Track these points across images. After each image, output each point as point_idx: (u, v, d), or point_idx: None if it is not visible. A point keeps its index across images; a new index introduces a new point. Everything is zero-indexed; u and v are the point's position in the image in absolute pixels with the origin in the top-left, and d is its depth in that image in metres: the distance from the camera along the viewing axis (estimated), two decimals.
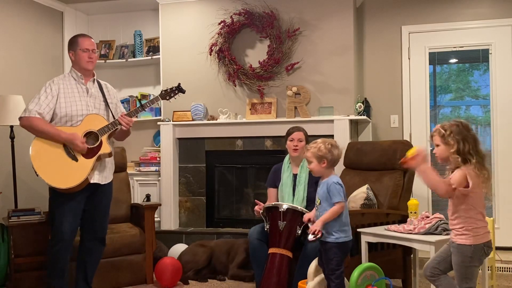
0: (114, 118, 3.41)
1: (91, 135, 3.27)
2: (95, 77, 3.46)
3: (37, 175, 3.15)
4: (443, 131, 2.53)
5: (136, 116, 5.33)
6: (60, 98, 3.28)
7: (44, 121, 3.22)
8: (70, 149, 3.22)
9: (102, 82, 3.52)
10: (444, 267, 2.62)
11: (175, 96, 3.62)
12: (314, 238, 2.88)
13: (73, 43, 3.39)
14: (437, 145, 2.57)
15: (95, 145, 3.25)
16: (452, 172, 2.53)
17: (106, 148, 3.29)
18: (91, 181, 3.27)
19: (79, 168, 3.20)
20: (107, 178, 3.42)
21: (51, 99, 3.25)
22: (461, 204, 2.50)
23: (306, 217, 3.21)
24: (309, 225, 3.04)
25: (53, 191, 3.26)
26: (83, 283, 3.44)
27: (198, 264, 4.21)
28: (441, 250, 2.68)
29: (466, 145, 2.47)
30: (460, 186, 2.45)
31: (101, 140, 3.27)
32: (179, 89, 3.61)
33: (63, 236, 3.24)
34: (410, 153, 2.57)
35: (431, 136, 2.62)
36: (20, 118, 3.26)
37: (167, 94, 3.60)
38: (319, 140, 3.01)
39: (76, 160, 3.21)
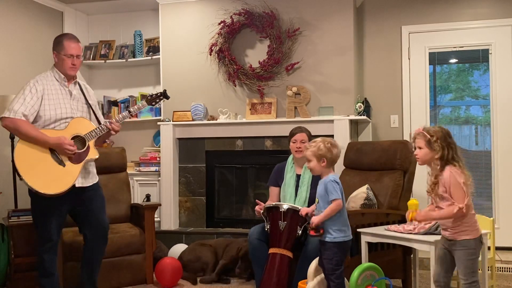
0: (98, 121, 3.38)
1: (77, 139, 3.18)
2: (77, 79, 3.38)
3: (21, 178, 3.02)
4: (428, 136, 2.61)
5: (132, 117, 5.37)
6: (44, 100, 3.17)
7: (30, 124, 3.10)
8: (57, 153, 3.12)
9: (81, 83, 3.44)
10: (451, 272, 2.71)
11: (160, 102, 3.67)
12: (316, 234, 2.89)
13: (58, 44, 3.27)
14: (420, 148, 2.65)
15: (83, 150, 3.17)
16: (435, 177, 2.60)
17: (93, 153, 3.22)
18: (77, 185, 3.19)
19: (66, 173, 3.11)
20: (92, 180, 3.35)
21: (36, 101, 3.13)
22: None
23: (303, 210, 3.21)
24: (306, 219, 3.05)
25: (34, 194, 3.12)
26: (88, 283, 3.43)
27: (207, 264, 4.20)
28: (441, 257, 2.71)
29: (450, 152, 2.57)
30: (467, 197, 2.52)
31: (88, 145, 3.20)
32: (164, 95, 3.62)
33: (50, 237, 3.20)
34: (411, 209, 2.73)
35: (414, 138, 2.68)
36: (4, 118, 3.09)
37: (152, 100, 3.59)
38: (318, 139, 3.02)
39: (64, 165, 3.11)
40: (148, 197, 5.21)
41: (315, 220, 2.90)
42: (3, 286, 4.03)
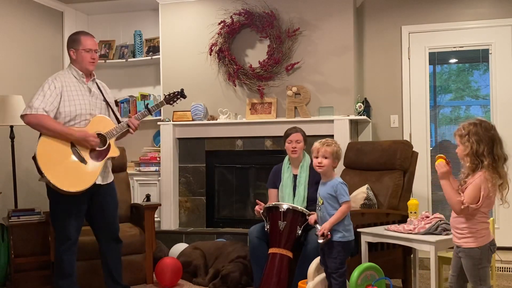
0: (116, 118, 3.43)
1: (99, 137, 3.25)
2: (95, 77, 3.43)
3: (43, 176, 3.04)
4: (462, 131, 2.47)
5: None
6: (63, 96, 3.20)
7: (52, 119, 3.14)
8: (78, 151, 3.17)
9: (97, 81, 3.49)
10: (463, 279, 2.57)
11: (178, 101, 3.73)
12: (324, 241, 2.89)
13: (75, 41, 3.32)
14: (458, 145, 2.51)
15: (104, 148, 3.23)
16: (466, 176, 2.48)
17: (114, 151, 3.27)
18: (97, 182, 3.25)
19: (88, 171, 3.17)
20: (108, 178, 3.40)
21: (55, 97, 3.17)
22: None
23: (312, 218, 3.23)
24: (317, 226, 3.04)
25: (53, 192, 3.16)
26: (111, 282, 3.47)
27: (198, 267, 4.19)
28: (453, 264, 2.62)
29: (481, 146, 2.40)
30: (472, 202, 2.40)
31: (109, 143, 3.25)
32: (181, 95, 3.71)
33: (69, 236, 3.23)
34: (437, 162, 2.55)
35: (454, 135, 2.55)
36: (25, 115, 3.11)
37: (170, 99, 3.68)
38: (335, 141, 3.05)
39: (85, 162, 3.17)
40: (148, 197, 5.21)
41: (326, 226, 2.89)
42: (3, 286, 4.03)
